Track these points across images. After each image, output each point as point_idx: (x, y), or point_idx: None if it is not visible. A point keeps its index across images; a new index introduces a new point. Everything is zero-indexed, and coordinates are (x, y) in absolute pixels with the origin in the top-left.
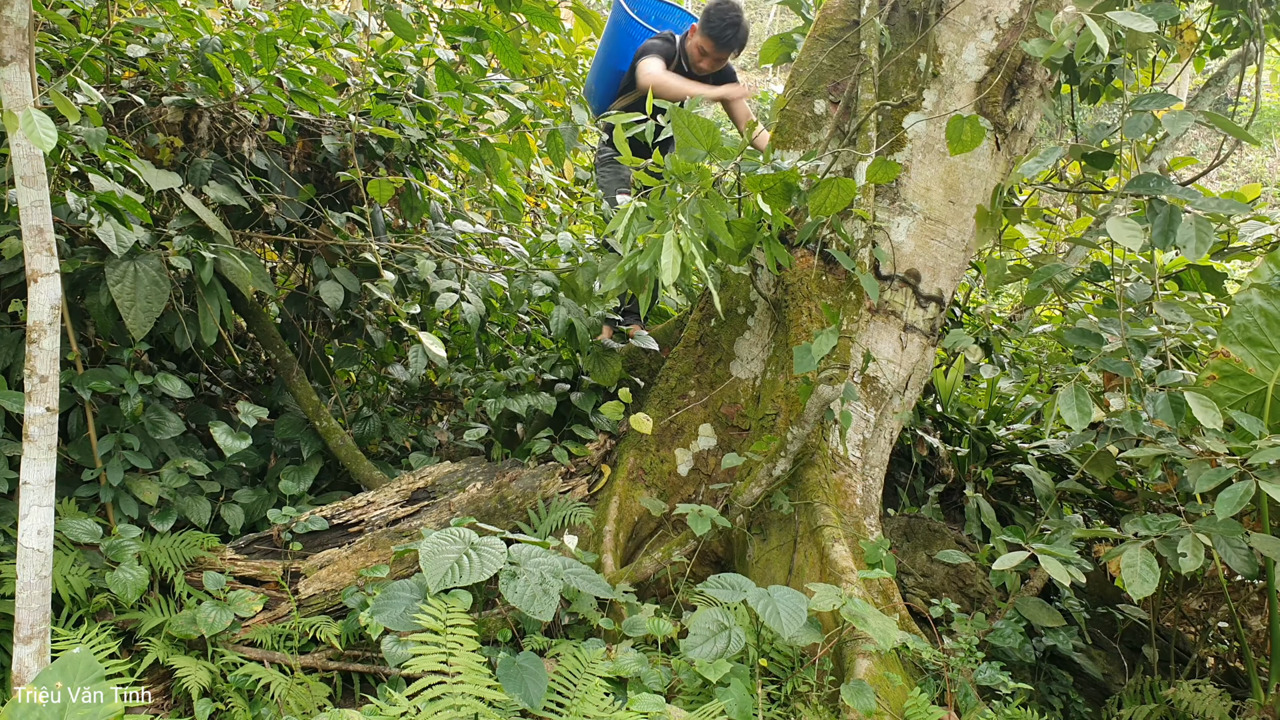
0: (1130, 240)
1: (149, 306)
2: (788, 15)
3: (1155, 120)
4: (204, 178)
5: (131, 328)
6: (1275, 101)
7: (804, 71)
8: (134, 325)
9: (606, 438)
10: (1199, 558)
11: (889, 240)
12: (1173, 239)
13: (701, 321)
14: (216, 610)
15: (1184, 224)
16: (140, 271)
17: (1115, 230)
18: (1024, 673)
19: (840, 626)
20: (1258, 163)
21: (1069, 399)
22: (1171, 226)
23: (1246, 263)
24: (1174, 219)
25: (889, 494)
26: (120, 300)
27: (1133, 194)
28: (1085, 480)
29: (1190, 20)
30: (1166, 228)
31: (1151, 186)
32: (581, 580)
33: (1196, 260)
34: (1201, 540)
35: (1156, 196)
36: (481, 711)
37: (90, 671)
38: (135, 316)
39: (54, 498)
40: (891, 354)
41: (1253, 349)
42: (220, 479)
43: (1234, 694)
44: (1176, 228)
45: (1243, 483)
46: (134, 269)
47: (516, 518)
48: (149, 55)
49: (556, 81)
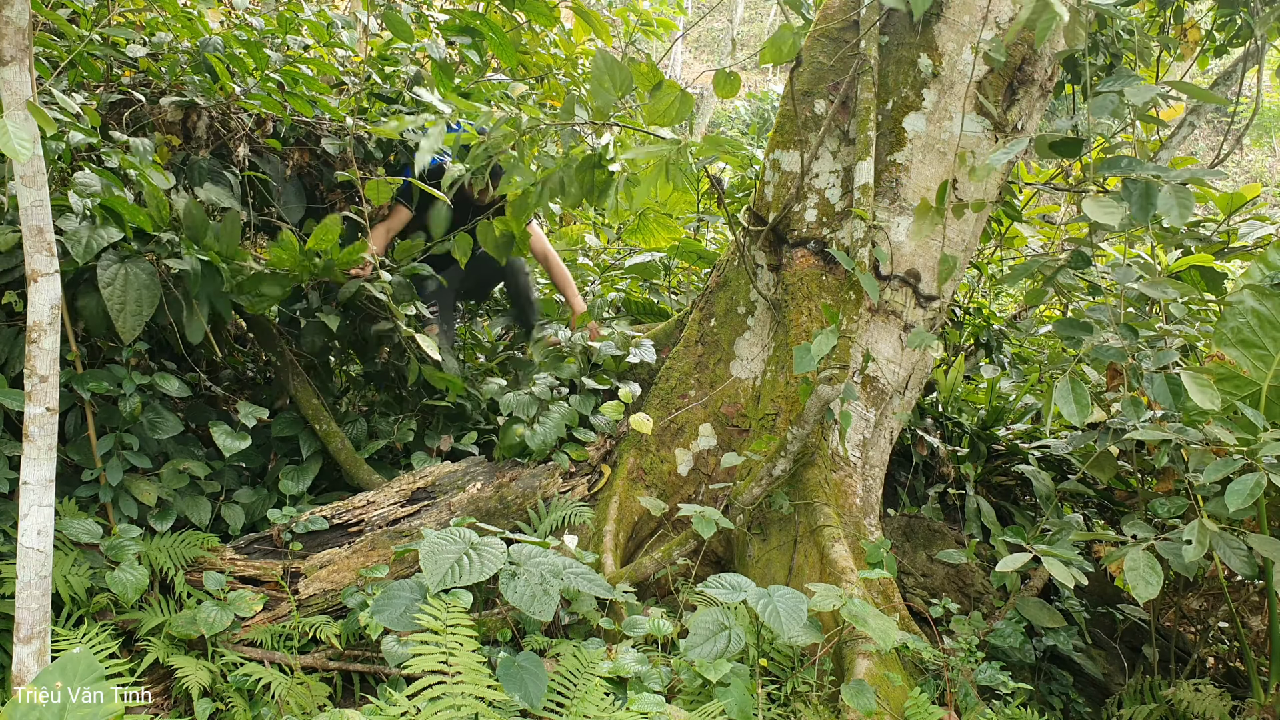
0: (1108, 217)
1: (138, 310)
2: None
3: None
4: (201, 178)
5: (121, 331)
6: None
7: (804, 71)
8: (124, 329)
9: (606, 438)
10: (1204, 544)
11: (889, 240)
12: (1152, 210)
13: (701, 321)
14: (216, 610)
15: (1163, 195)
16: (131, 274)
17: (1091, 209)
18: (1024, 673)
19: (840, 626)
20: (1258, 163)
21: (1065, 393)
22: (1150, 199)
23: (1247, 263)
24: (1150, 193)
25: (889, 494)
26: (110, 302)
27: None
28: (1085, 480)
29: (1194, 19)
30: (1145, 201)
31: (1123, 167)
32: (581, 580)
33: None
34: (1208, 526)
35: (1129, 176)
36: (481, 711)
37: (90, 671)
38: (125, 320)
39: (54, 498)
40: (891, 354)
41: (1246, 350)
42: (220, 479)
43: (1234, 694)
44: (1154, 201)
45: (1252, 474)
46: (125, 271)
47: (516, 518)
48: (149, 55)
49: (556, 81)
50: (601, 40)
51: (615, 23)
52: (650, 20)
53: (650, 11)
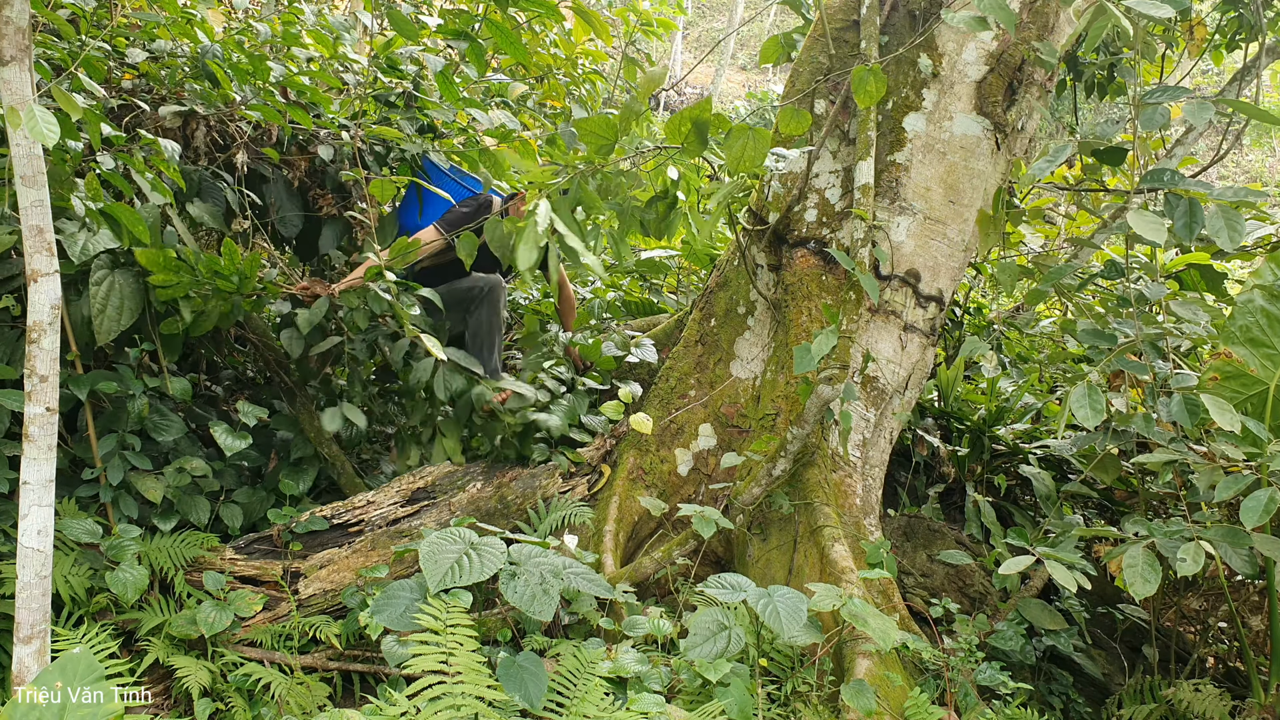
0: (1154, 234)
1: (118, 316)
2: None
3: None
4: (194, 191)
5: (98, 332)
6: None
7: (804, 71)
8: (100, 331)
9: (606, 438)
10: (1199, 562)
11: (889, 240)
12: (1198, 230)
13: (701, 321)
14: (216, 610)
15: (1211, 215)
16: (119, 283)
17: (1137, 224)
18: (1024, 673)
19: (840, 626)
20: (1258, 163)
21: (1082, 399)
22: (1194, 218)
23: (1246, 263)
24: (1195, 211)
25: (889, 494)
26: (94, 303)
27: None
28: (1087, 481)
29: (1199, 16)
30: (1189, 219)
31: (1166, 180)
32: (581, 580)
33: (1232, 250)
34: (1204, 548)
35: (1171, 190)
36: (481, 711)
37: (90, 671)
38: (103, 323)
39: (54, 498)
40: (891, 354)
41: (1255, 349)
42: (220, 479)
43: (1234, 694)
44: (1199, 219)
45: (1265, 490)
46: (113, 279)
47: (516, 518)
48: (149, 59)
49: (556, 81)
50: (601, 40)
51: (615, 23)
52: (650, 20)
53: (650, 11)
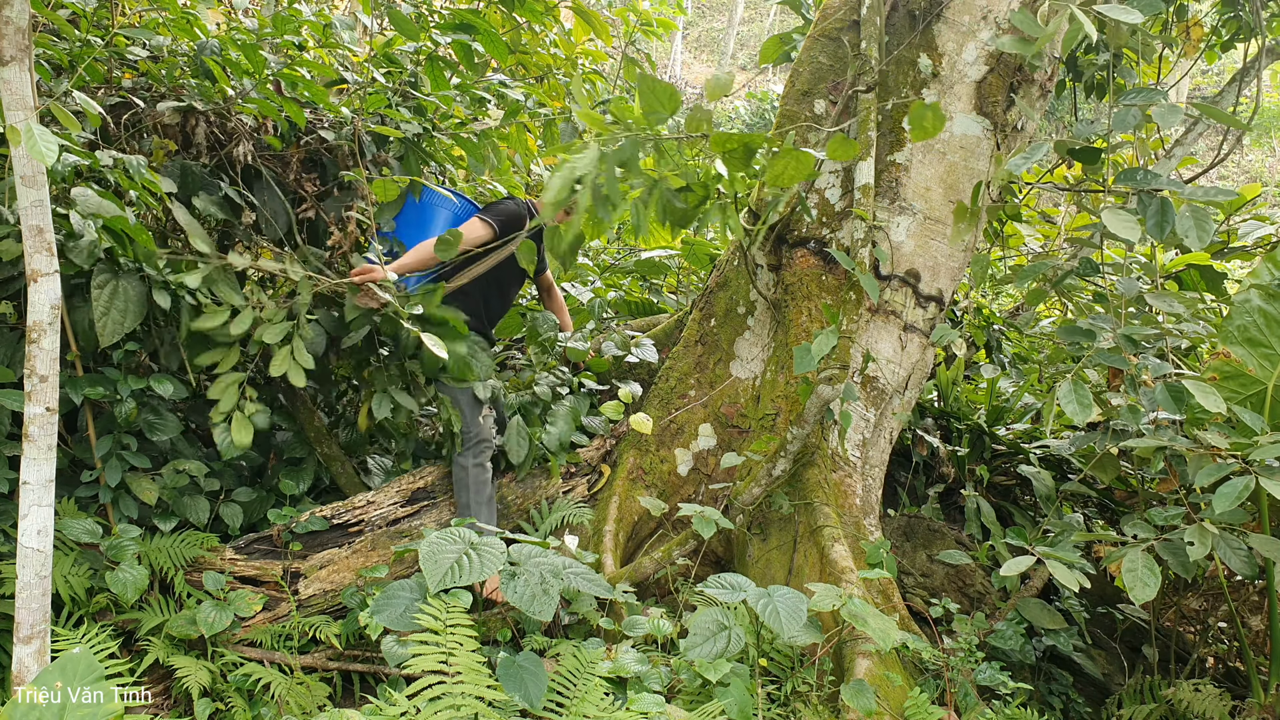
0: (1126, 232)
1: (121, 319)
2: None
3: (1144, 114)
4: (195, 186)
5: (101, 335)
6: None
7: (804, 71)
8: (103, 333)
9: (606, 438)
10: (1206, 545)
11: (889, 240)
12: (1168, 229)
13: (701, 321)
14: (216, 610)
15: (1181, 215)
16: (123, 287)
17: (1110, 222)
18: (1024, 673)
19: (840, 626)
20: (1258, 163)
21: (1068, 393)
22: (1165, 217)
23: (1246, 262)
24: (1166, 210)
25: (889, 494)
26: (97, 305)
27: (1123, 188)
28: (1086, 480)
29: (1196, 16)
30: (1160, 219)
31: (1140, 179)
32: (581, 580)
33: (1200, 249)
34: (1209, 529)
35: (1145, 189)
36: (481, 711)
37: (90, 671)
38: (106, 325)
39: (54, 498)
40: (891, 354)
41: (1252, 349)
42: (219, 478)
43: (1234, 694)
44: (1170, 218)
45: (1242, 478)
46: (117, 284)
47: (517, 518)
48: (149, 57)
49: (556, 81)
50: (601, 40)
51: (615, 23)
52: (650, 20)
53: (650, 11)
